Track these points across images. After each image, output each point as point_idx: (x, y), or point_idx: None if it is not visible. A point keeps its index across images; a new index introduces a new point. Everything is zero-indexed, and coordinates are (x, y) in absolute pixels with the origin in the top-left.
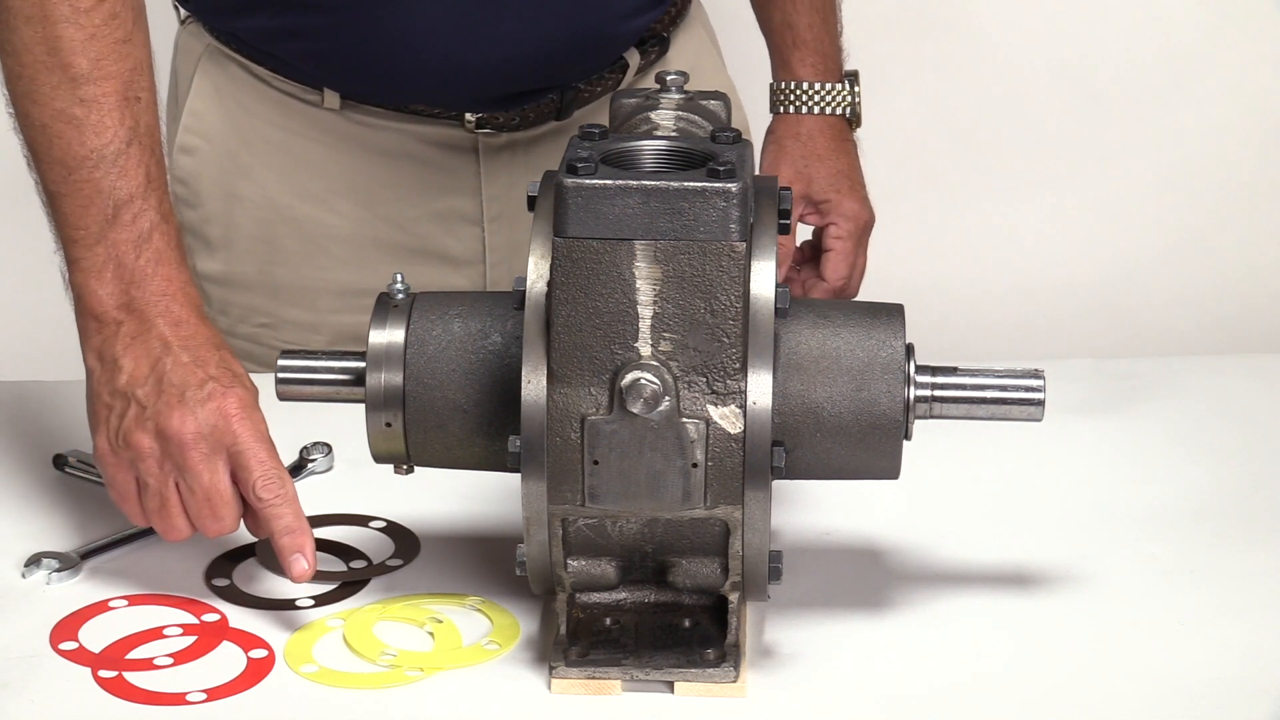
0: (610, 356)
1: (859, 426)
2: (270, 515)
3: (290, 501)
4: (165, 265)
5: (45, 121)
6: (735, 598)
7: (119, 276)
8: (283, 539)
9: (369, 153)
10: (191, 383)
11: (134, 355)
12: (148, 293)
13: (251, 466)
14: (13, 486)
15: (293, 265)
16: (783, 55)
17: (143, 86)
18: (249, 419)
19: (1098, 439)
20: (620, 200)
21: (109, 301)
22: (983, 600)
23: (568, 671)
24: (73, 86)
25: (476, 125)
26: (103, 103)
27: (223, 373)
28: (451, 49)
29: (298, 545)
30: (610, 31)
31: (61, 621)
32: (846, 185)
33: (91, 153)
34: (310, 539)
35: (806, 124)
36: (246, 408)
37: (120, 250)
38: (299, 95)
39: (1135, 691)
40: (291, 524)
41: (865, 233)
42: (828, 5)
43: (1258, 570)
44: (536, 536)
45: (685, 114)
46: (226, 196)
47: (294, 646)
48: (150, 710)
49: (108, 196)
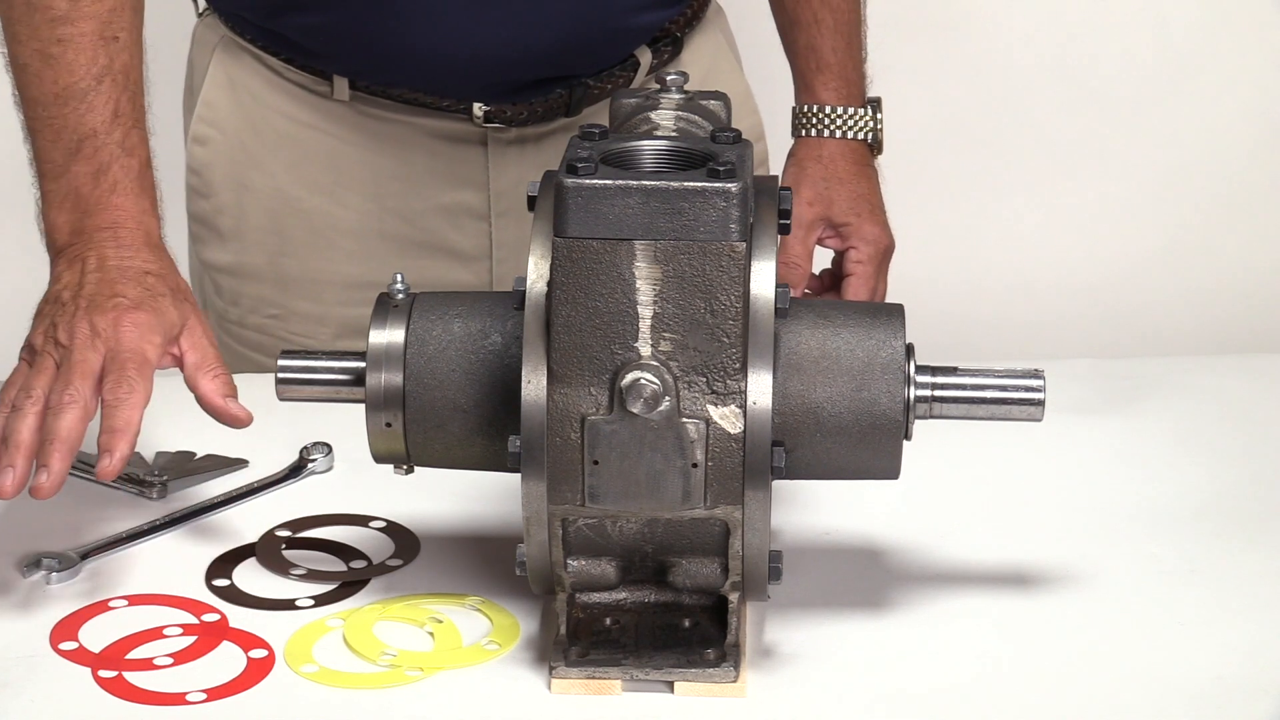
0: (610, 356)
1: (859, 426)
2: (105, 412)
3: (126, 408)
4: (119, 195)
5: (26, 60)
6: (735, 598)
7: (75, 206)
8: (103, 435)
9: (378, 145)
10: (103, 295)
11: (73, 270)
12: (97, 220)
13: (111, 369)
14: None
15: (301, 257)
16: (806, 79)
17: (121, 26)
18: (137, 332)
19: (1098, 439)
20: (620, 200)
21: (64, 229)
22: (983, 600)
23: (568, 671)
24: (51, 26)
25: (485, 119)
26: (79, 42)
27: (137, 292)
28: (457, 29)
29: (111, 444)
30: (620, 25)
31: (61, 621)
32: (867, 209)
33: (64, 90)
34: (127, 444)
35: (828, 147)
36: (140, 326)
37: (79, 182)
38: (310, 86)
39: (1135, 691)
40: (117, 425)
41: (886, 258)
42: (852, 30)
43: (1258, 570)
44: (536, 536)
45: (685, 114)
46: (237, 187)
47: (294, 646)
48: (150, 710)
49: (73, 131)
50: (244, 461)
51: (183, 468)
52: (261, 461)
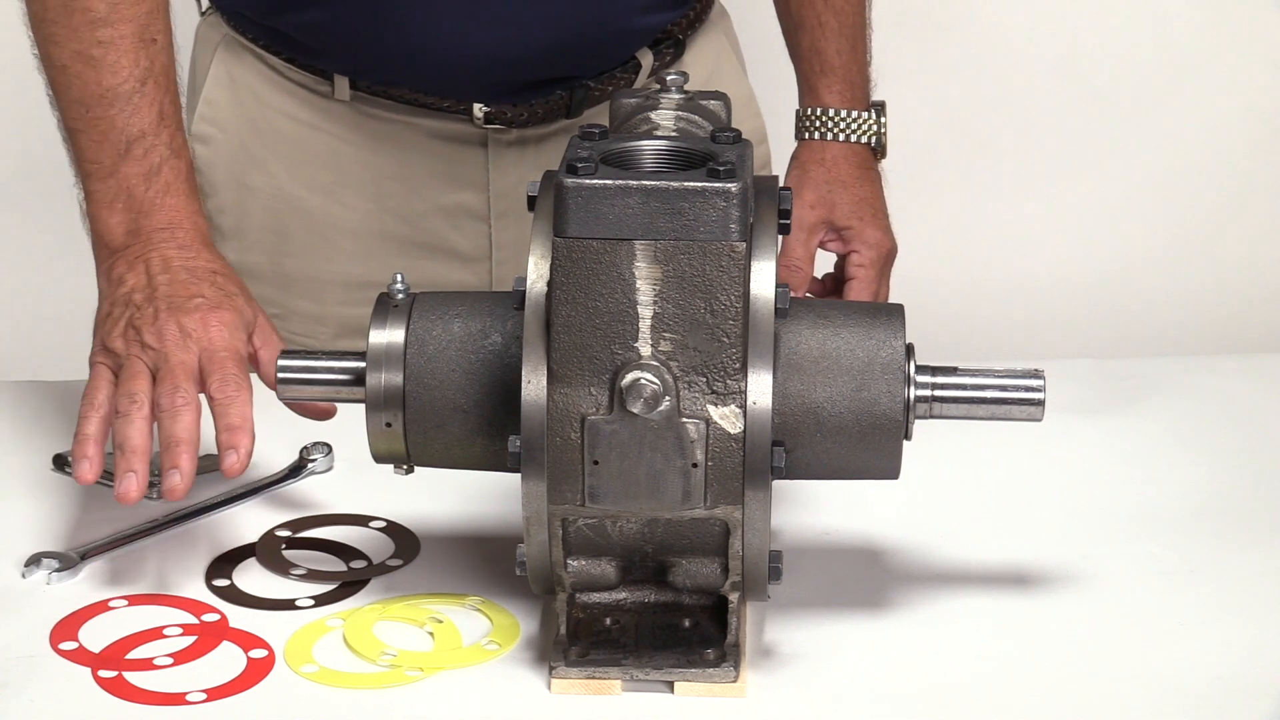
0: (610, 356)
1: (859, 426)
2: (218, 411)
3: (239, 405)
4: (172, 196)
5: (65, 62)
6: (735, 598)
7: (129, 207)
8: (222, 434)
9: (379, 146)
10: (181, 295)
11: (136, 272)
12: (154, 221)
13: (213, 369)
14: (13, 486)
15: (301, 256)
16: (810, 81)
17: (158, 29)
18: (226, 331)
19: (1098, 439)
20: (620, 200)
21: (119, 230)
22: (982, 600)
23: (568, 671)
24: (91, 29)
25: (485, 120)
26: (119, 44)
27: (214, 292)
28: (457, 29)
29: (234, 441)
30: (621, 27)
31: (61, 621)
32: (869, 213)
33: (107, 91)
34: (249, 439)
35: (831, 151)
36: (228, 325)
37: (131, 183)
38: (311, 86)
39: (1135, 691)
40: (234, 422)
41: (888, 262)
42: (857, 33)
43: (1258, 570)
44: (536, 536)
45: (685, 114)
46: (238, 186)
47: (294, 646)
48: (150, 710)
49: (121, 132)
50: None
51: None
52: (261, 461)
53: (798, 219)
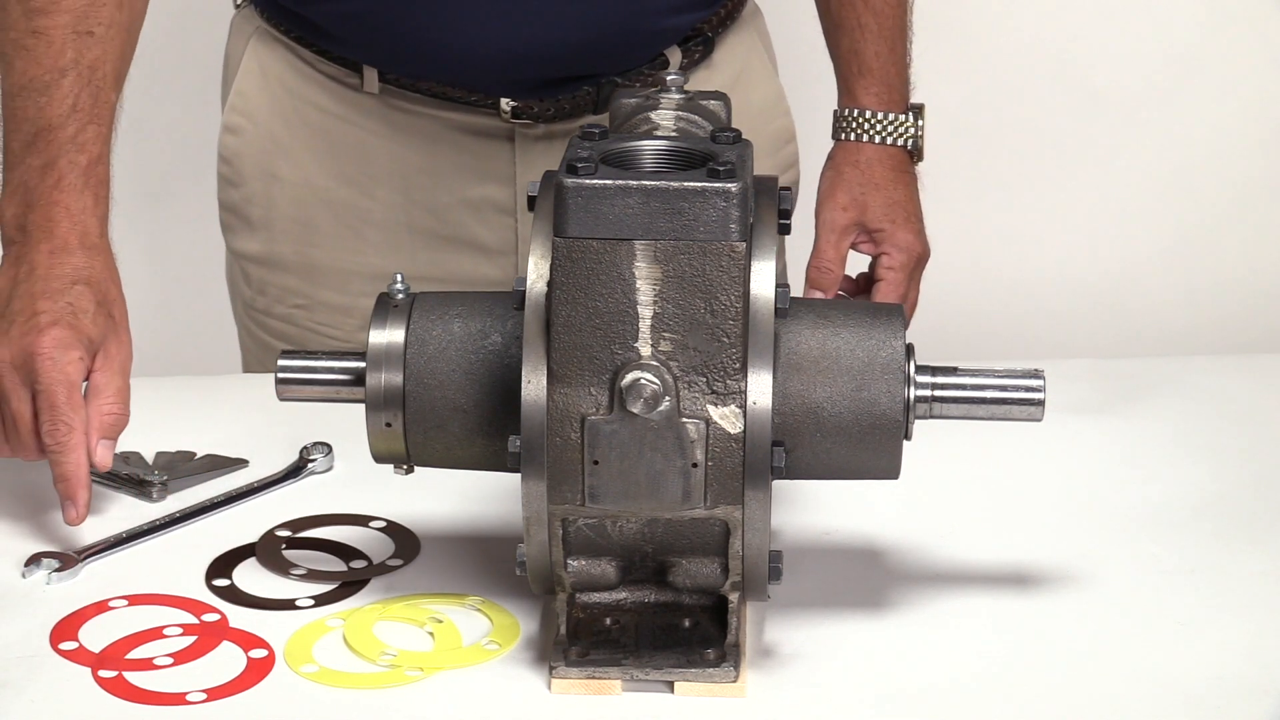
0: (610, 356)
1: (859, 426)
2: (51, 460)
3: (69, 450)
4: (63, 191)
5: (4, 50)
6: (735, 598)
7: (23, 199)
8: (58, 485)
9: (407, 138)
10: (22, 314)
11: (6, 275)
12: (37, 216)
13: (41, 410)
14: (13, 486)
15: (328, 248)
16: (848, 82)
17: (98, 20)
18: (54, 360)
19: (1098, 439)
20: (620, 200)
21: (11, 223)
22: (982, 600)
23: (568, 671)
24: (29, 18)
25: (512, 114)
26: (51, 34)
27: (60, 309)
28: (486, 24)
29: (69, 493)
30: (650, 25)
31: (61, 621)
32: (902, 216)
33: (29, 81)
34: (83, 489)
35: (866, 152)
36: (58, 347)
37: (28, 175)
38: (340, 78)
39: (1135, 691)
40: (66, 472)
41: (919, 266)
42: (897, 35)
43: (1258, 570)
44: (536, 536)
45: (685, 114)
46: (267, 177)
47: (294, 646)
48: (150, 710)
49: (31, 123)
50: (244, 461)
51: (183, 468)
52: (261, 461)
53: (830, 220)
